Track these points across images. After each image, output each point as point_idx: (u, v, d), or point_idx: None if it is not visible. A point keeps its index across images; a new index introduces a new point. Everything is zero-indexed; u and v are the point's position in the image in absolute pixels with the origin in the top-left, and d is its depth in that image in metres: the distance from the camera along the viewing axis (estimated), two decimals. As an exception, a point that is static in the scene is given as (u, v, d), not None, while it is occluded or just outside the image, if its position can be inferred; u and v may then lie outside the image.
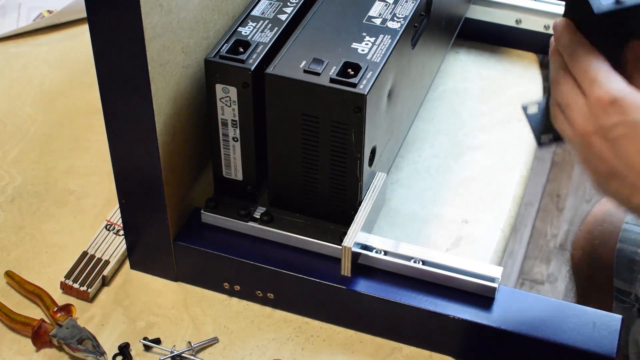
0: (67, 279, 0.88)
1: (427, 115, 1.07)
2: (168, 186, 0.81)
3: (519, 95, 1.09)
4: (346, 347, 0.84)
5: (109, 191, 0.98)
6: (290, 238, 0.85)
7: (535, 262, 1.97)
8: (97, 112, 0.81)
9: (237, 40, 0.81)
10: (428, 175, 0.99)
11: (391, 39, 0.81)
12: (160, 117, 0.77)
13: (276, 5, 0.85)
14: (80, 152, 1.04)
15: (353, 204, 0.83)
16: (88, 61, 0.78)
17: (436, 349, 0.83)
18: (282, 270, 0.83)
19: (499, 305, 0.81)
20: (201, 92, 0.84)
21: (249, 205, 0.87)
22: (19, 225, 0.95)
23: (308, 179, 0.83)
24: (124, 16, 0.70)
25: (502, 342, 0.80)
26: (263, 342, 0.84)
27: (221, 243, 0.86)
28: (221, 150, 0.84)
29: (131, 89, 0.75)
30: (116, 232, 0.92)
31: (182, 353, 0.82)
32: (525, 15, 1.15)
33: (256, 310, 0.87)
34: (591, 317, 0.80)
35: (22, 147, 1.05)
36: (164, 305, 0.87)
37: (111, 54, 0.73)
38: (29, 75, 1.16)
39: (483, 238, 0.92)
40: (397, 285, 0.82)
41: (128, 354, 0.83)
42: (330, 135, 0.79)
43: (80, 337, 0.82)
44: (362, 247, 0.83)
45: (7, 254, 0.92)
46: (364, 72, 0.77)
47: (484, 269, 0.82)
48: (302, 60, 0.78)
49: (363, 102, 0.75)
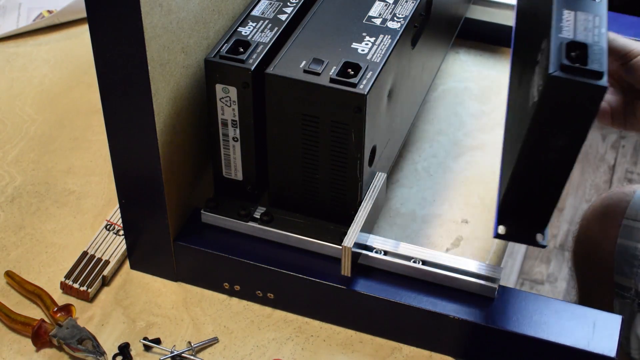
0: (67, 279, 0.88)
1: (427, 115, 1.07)
2: (168, 186, 0.81)
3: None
4: (346, 347, 0.84)
5: (109, 191, 0.98)
6: (290, 238, 0.85)
7: (535, 262, 1.97)
8: (97, 112, 0.81)
9: (237, 40, 0.81)
10: (428, 175, 0.99)
11: (391, 39, 0.81)
12: (160, 117, 0.77)
13: (276, 5, 0.85)
14: (80, 152, 1.04)
15: (353, 204, 0.83)
16: (88, 61, 0.78)
17: (436, 349, 0.83)
18: (282, 270, 0.84)
19: (499, 305, 0.81)
20: (201, 92, 0.84)
21: (249, 205, 0.87)
22: (19, 225, 0.95)
23: (308, 179, 0.83)
24: (124, 16, 0.70)
25: (502, 342, 0.80)
26: (263, 342, 0.84)
27: (221, 243, 0.86)
28: (221, 150, 0.84)
29: (131, 89, 0.75)
30: (116, 232, 0.92)
31: (182, 353, 0.82)
32: (525, 15, 1.15)
33: (256, 310, 0.87)
34: (591, 317, 0.80)
35: (22, 147, 1.05)
36: (164, 305, 0.87)
37: (111, 54, 0.73)
38: (29, 75, 1.16)
39: (483, 238, 0.92)
40: (397, 285, 0.82)
41: (128, 354, 0.83)
42: (330, 136, 0.79)
43: (80, 337, 0.82)
44: (362, 247, 0.83)
45: (7, 254, 0.92)
46: (364, 72, 0.77)
47: (484, 269, 0.82)
48: (302, 60, 0.78)
49: (363, 102, 0.75)
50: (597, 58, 0.67)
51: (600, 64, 0.67)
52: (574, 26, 0.70)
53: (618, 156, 2.25)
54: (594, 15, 0.71)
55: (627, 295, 0.93)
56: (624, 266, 0.92)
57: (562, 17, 0.70)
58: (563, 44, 0.68)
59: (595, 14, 0.71)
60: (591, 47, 0.68)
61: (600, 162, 2.23)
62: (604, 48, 0.68)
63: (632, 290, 0.92)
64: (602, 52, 0.68)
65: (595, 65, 0.67)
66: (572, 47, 0.68)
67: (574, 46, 0.69)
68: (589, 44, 0.68)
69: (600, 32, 0.70)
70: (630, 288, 0.93)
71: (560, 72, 0.66)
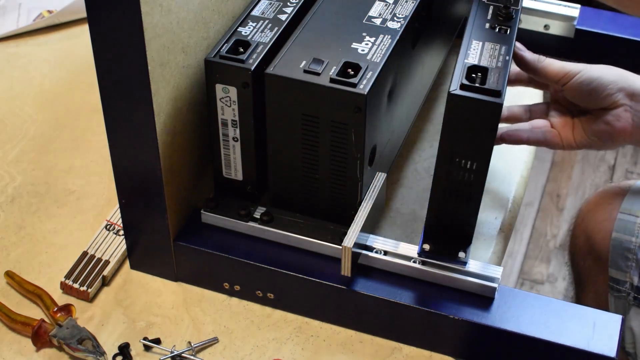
0: (67, 279, 0.88)
1: (427, 115, 1.07)
2: (168, 186, 0.81)
3: (519, 95, 1.09)
4: (346, 347, 0.84)
5: (109, 191, 0.98)
6: (290, 238, 0.85)
7: (535, 262, 1.97)
8: (97, 112, 0.81)
9: (237, 40, 0.81)
10: (428, 175, 0.99)
11: (391, 39, 0.81)
12: (160, 117, 0.77)
13: (276, 5, 0.85)
14: (80, 152, 1.04)
15: (353, 204, 0.83)
16: (88, 61, 0.78)
17: (436, 349, 0.83)
18: (282, 270, 0.84)
19: (499, 305, 0.81)
20: (201, 92, 0.84)
21: (249, 205, 0.87)
22: (19, 225, 0.95)
23: (308, 179, 0.83)
24: (124, 16, 0.70)
25: (502, 342, 0.80)
26: (263, 342, 0.84)
27: (221, 243, 0.86)
28: (221, 150, 0.84)
29: (131, 89, 0.75)
30: (116, 232, 0.92)
31: (182, 353, 0.82)
32: (525, 16, 1.15)
33: (256, 310, 0.87)
34: (591, 317, 0.80)
35: (22, 147, 1.05)
36: (164, 305, 0.87)
37: (111, 54, 0.73)
38: (29, 75, 1.16)
39: (483, 238, 0.92)
40: (397, 285, 0.82)
41: (128, 354, 0.83)
42: (330, 135, 0.79)
43: (80, 337, 0.82)
44: (362, 247, 0.83)
45: (7, 254, 0.92)
46: (364, 72, 0.77)
47: (484, 269, 0.82)
48: (302, 60, 0.78)
49: (363, 102, 0.75)
50: (496, 79, 0.75)
51: (498, 83, 0.74)
52: (480, 53, 0.78)
53: (618, 156, 2.25)
54: (500, 45, 0.79)
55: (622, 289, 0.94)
56: (618, 260, 0.93)
57: (471, 46, 0.79)
58: (465, 67, 0.76)
59: (502, 44, 0.80)
60: (491, 70, 0.76)
61: (600, 162, 2.23)
62: (504, 71, 0.75)
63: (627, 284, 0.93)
64: (502, 74, 0.75)
65: (492, 84, 0.74)
66: (474, 70, 0.76)
67: (476, 69, 0.76)
68: (489, 67, 0.76)
69: (504, 59, 0.77)
70: (625, 282, 0.93)
71: (459, 90, 0.74)
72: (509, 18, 0.83)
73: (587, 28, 1.14)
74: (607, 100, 0.87)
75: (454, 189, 0.79)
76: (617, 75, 0.88)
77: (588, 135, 0.89)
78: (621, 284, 0.94)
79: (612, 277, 0.94)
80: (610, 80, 0.88)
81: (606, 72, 0.88)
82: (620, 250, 0.92)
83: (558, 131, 0.90)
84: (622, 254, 0.92)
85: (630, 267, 0.92)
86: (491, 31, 0.81)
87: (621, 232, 0.92)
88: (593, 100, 0.88)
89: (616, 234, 0.92)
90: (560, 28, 1.15)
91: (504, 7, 0.83)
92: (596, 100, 0.88)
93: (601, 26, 1.15)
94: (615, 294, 0.95)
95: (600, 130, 0.88)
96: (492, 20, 0.83)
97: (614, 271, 0.94)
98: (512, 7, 0.84)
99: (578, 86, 0.88)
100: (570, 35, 1.15)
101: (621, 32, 1.15)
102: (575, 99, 0.89)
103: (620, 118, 0.87)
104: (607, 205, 0.95)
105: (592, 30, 1.14)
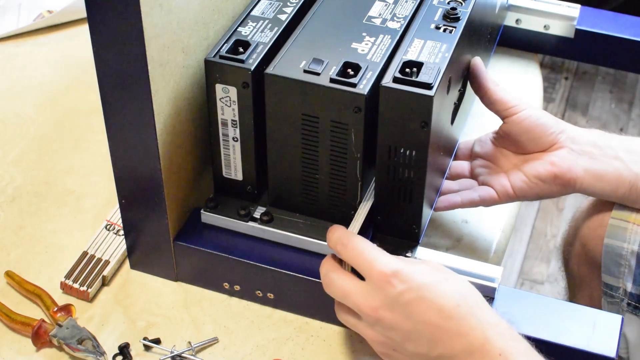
0: (67, 279, 0.88)
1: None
2: (168, 186, 0.81)
3: (519, 95, 1.09)
4: (346, 347, 0.84)
5: (109, 191, 0.98)
6: (290, 238, 0.85)
7: (535, 262, 1.97)
8: (97, 112, 0.81)
9: (237, 40, 0.81)
10: (428, 175, 0.98)
11: (391, 39, 0.81)
12: (160, 117, 0.77)
13: (276, 5, 0.85)
14: (80, 152, 1.04)
15: (353, 204, 0.83)
16: (88, 61, 0.78)
17: (436, 349, 0.83)
18: (282, 270, 0.84)
19: (499, 305, 0.81)
20: (201, 92, 0.84)
21: (249, 205, 0.87)
22: (19, 225, 0.95)
23: (308, 179, 0.83)
24: (124, 16, 0.70)
25: (502, 342, 0.80)
26: (263, 342, 0.84)
27: (221, 243, 0.86)
28: (221, 150, 0.84)
29: (131, 89, 0.75)
30: (116, 232, 0.92)
31: (182, 353, 0.82)
32: (525, 15, 1.15)
33: (256, 310, 0.87)
34: (591, 317, 0.80)
35: (22, 147, 1.05)
36: (164, 305, 0.87)
37: (111, 54, 0.73)
38: (29, 75, 1.16)
39: (483, 238, 0.92)
40: (397, 285, 0.82)
41: (128, 354, 0.83)
42: (330, 135, 0.79)
43: (80, 337, 0.82)
44: (362, 247, 0.83)
45: (7, 254, 0.92)
46: (364, 72, 0.77)
47: (484, 269, 0.82)
48: (302, 60, 0.78)
49: (363, 102, 0.75)
50: (429, 73, 0.75)
51: (430, 77, 0.75)
52: (420, 51, 0.79)
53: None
54: (442, 44, 0.80)
55: (616, 294, 0.94)
56: (611, 266, 0.92)
57: (412, 43, 0.80)
58: (401, 62, 0.77)
59: (444, 42, 0.80)
60: (426, 64, 0.76)
61: (600, 162, 2.23)
62: (440, 67, 0.76)
63: (620, 290, 0.93)
64: (437, 70, 0.76)
65: (425, 77, 0.75)
66: (409, 64, 0.77)
67: (411, 64, 0.77)
68: (425, 62, 0.77)
69: (443, 56, 0.78)
70: (619, 287, 0.93)
71: (390, 83, 0.75)
72: (456, 19, 0.83)
73: (587, 28, 1.14)
74: (552, 140, 0.87)
75: (396, 187, 0.80)
76: (556, 119, 0.89)
77: (530, 179, 0.87)
78: (614, 290, 0.94)
79: (606, 283, 0.94)
80: (554, 122, 0.88)
81: (548, 115, 0.89)
82: (613, 256, 0.92)
83: (491, 185, 0.89)
84: (615, 259, 0.92)
85: (622, 273, 0.92)
86: (436, 31, 0.82)
87: (613, 238, 0.92)
88: (537, 138, 0.87)
89: (608, 239, 0.92)
90: (560, 28, 1.15)
91: (451, 9, 0.83)
92: (541, 137, 0.87)
93: (601, 26, 1.15)
94: (609, 300, 0.95)
95: (545, 172, 0.86)
96: (438, 21, 0.83)
97: (607, 277, 0.94)
98: (460, 10, 0.84)
99: (525, 119, 0.87)
100: (570, 35, 1.15)
101: (621, 32, 1.15)
102: (520, 134, 0.88)
103: (565, 159, 0.86)
104: (600, 212, 0.95)
105: (592, 30, 1.14)
